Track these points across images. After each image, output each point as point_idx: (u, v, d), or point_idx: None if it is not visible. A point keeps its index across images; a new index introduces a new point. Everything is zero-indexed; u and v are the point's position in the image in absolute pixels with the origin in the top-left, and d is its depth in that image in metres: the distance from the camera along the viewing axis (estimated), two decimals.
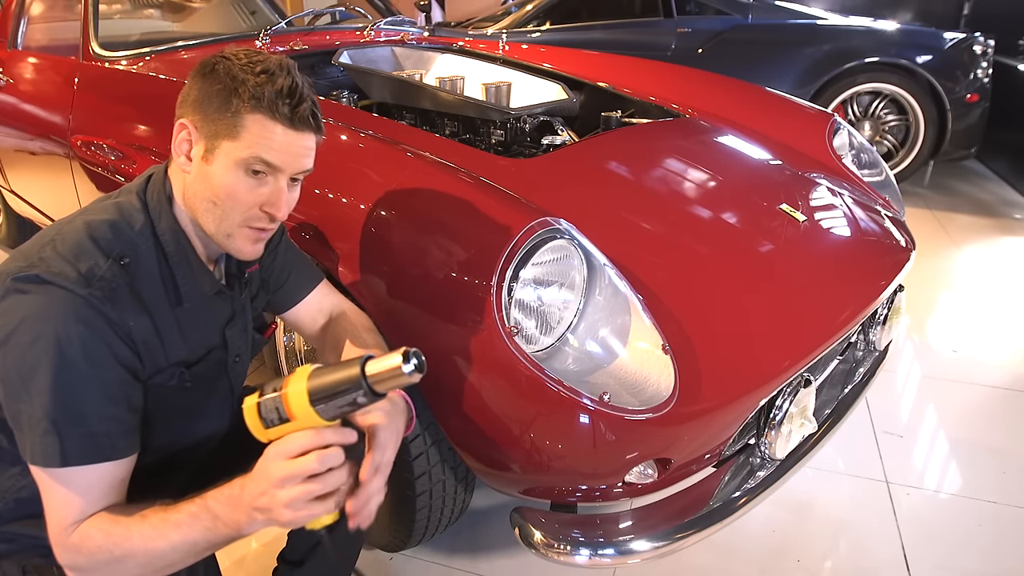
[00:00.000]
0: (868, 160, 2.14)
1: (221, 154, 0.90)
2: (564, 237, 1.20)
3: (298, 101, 0.90)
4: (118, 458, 0.85)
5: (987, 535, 1.68)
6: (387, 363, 0.72)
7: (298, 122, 0.90)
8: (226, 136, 0.89)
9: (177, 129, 0.92)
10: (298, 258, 1.20)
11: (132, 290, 0.89)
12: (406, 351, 0.73)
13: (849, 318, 1.46)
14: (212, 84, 0.90)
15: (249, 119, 0.88)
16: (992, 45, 3.98)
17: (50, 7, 2.78)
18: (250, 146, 0.89)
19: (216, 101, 0.89)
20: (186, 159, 0.93)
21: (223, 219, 0.93)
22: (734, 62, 4.16)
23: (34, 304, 0.82)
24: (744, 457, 1.40)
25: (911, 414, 2.16)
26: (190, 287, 0.97)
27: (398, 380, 0.73)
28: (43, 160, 2.31)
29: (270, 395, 0.75)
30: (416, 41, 2.73)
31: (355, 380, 0.73)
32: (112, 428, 0.85)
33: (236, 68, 0.89)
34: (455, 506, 1.46)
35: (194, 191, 0.93)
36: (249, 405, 0.77)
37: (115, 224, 0.91)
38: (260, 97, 0.88)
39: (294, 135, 0.91)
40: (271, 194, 0.93)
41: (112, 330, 0.85)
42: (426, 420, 1.30)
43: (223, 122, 0.89)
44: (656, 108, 2.15)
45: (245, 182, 0.91)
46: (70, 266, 0.85)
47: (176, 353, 0.96)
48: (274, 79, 0.89)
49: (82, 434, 0.82)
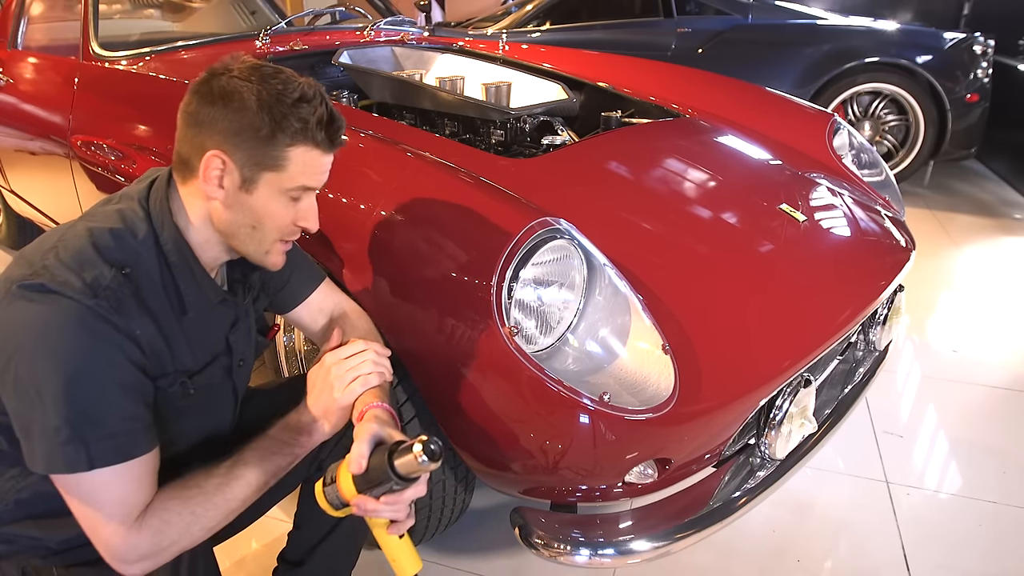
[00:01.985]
0: (868, 160, 2.14)
1: (264, 185, 0.91)
2: (564, 237, 1.20)
3: (336, 127, 0.93)
4: (142, 454, 0.87)
5: (987, 535, 1.68)
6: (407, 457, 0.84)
7: (336, 145, 0.94)
8: (269, 168, 0.90)
9: (208, 160, 0.89)
10: (300, 258, 1.20)
11: (138, 299, 0.89)
12: (424, 441, 0.83)
13: (849, 318, 1.46)
14: (244, 115, 0.88)
15: (293, 152, 0.90)
16: (992, 45, 3.98)
17: (50, 7, 2.78)
18: (296, 176, 0.92)
19: (253, 134, 0.88)
20: (217, 188, 0.92)
21: (263, 240, 0.96)
22: (734, 62, 4.16)
23: (41, 314, 0.82)
24: (744, 457, 1.40)
25: (911, 414, 2.16)
26: (194, 296, 0.97)
27: (419, 469, 0.84)
28: (43, 160, 2.31)
29: (330, 486, 0.91)
30: (416, 41, 2.73)
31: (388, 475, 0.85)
32: (132, 427, 0.86)
33: (270, 98, 0.88)
34: (455, 506, 1.46)
35: (230, 218, 0.94)
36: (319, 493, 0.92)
37: (118, 233, 0.91)
38: (306, 131, 0.89)
39: (329, 157, 0.95)
40: (306, 210, 0.97)
41: (120, 335, 0.85)
42: (426, 420, 1.31)
43: (265, 155, 0.89)
44: (656, 108, 2.15)
45: (288, 206, 0.94)
46: (74, 275, 0.84)
47: (182, 361, 0.97)
48: (313, 107, 0.90)
49: (104, 435, 0.83)
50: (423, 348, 1.22)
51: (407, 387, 1.29)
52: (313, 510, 0.99)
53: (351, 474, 0.88)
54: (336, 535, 1.23)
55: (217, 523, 0.91)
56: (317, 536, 1.23)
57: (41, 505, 0.94)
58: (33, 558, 0.96)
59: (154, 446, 0.89)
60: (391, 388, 1.12)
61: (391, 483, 0.85)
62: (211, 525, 0.91)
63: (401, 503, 0.88)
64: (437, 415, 1.27)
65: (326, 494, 0.91)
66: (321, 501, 0.92)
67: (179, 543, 0.88)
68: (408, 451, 0.84)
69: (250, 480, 0.93)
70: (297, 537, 1.27)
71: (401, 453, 0.85)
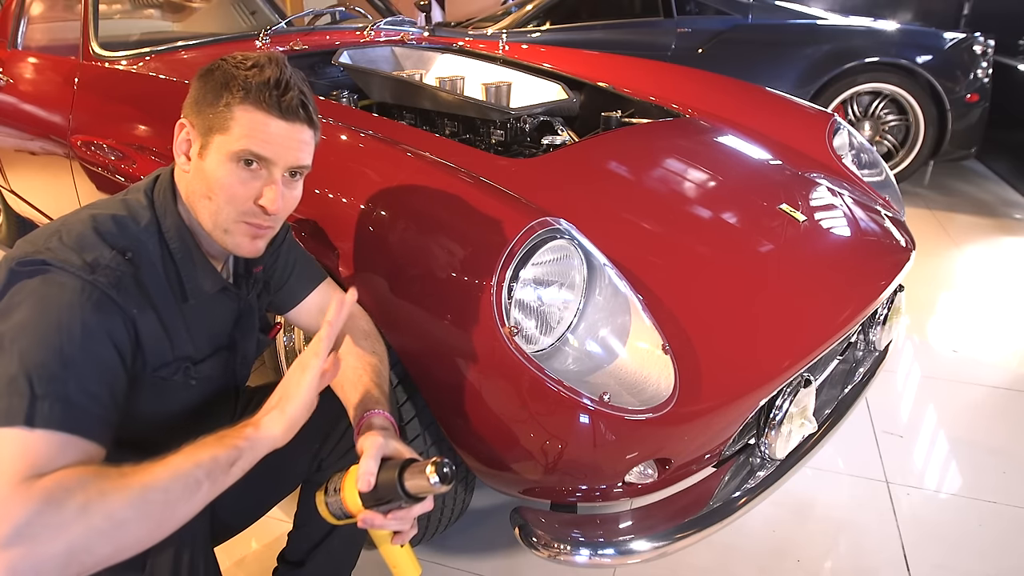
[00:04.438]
0: (868, 160, 2.14)
1: (214, 148, 0.91)
2: (564, 237, 1.20)
3: (284, 90, 0.91)
4: (88, 439, 0.77)
5: (987, 535, 1.68)
6: (420, 479, 0.83)
7: (287, 111, 0.91)
8: (218, 130, 0.91)
9: (177, 129, 0.95)
10: (301, 258, 1.20)
11: (137, 282, 0.89)
12: (437, 464, 0.83)
13: (849, 318, 1.46)
14: (207, 83, 0.93)
15: (238, 111, 0.90)
16: (992, 45, 3.98)
17: (50, 7, 2.78)
18: (240, 138, 0.90)
19: (209, 97, 0.92)
20: (185, 158, 0.95)
21: (218, 213, 0.94)
22: (734, 62, 4.16)
23: (39, 285, 0.82)
24: (744, 457, 1.40)
25: (911, 414, 2.16)
26: (195, 284, 0.97)
27: (431, 490, 0.84)
28: (43, 160, 2.31)
29: (333, 497, 0.88)
30: (416, 41, 2.73)
31: (397, 494, 0.84)
32: (90, 406, 0.79)
33: (229, 66, 0.92)
34: (455, 506, 1.46)
35: (192, 188, 0.95)
36: (319, 502, 0.90)
37: (120, 219, 0.92)
38: (248, 88, 0.89)
39: (284, 126, 0.92)
40: (264, 188, 0.93)
41: (115, 313, 0.85)
42: (426, 420, 1.31)
43: (215, 117, 0.91)
44: (656, 108, 2.15)
45: (238, 175, 0.92)
46: (75, 255, 0.85)
47: (182, 348, 0.97)
48: (262, 71, 0.90)
49: (57, 397, 0.76)
50: (423, 348, 1.22)
51: (407, 387, 1.29)
52: (313, 511, 0.99)
53: (356, 487, 0.87)
54: (336, 536, 1.23)
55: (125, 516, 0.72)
56: (317, 536, 1.23)
57: None
58: None
59: (102, 443, 0.79)
60: (391, 389, 1.12)
61: (399, 501, 0.85)
62: (118, 516, 0.72)
63: (408, 518, 0.88)
64: (437, 415, 1.27)
65: (328, 505, 0.90)
66: (323, 511, 0.90)
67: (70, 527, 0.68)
68: (420, 472, 0.83)
69: (178, 467, 0.77)
70: (297, 537, 1.27)
71: (412, 474, 0.84)
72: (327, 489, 0.90)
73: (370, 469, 0.86)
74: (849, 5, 5.63)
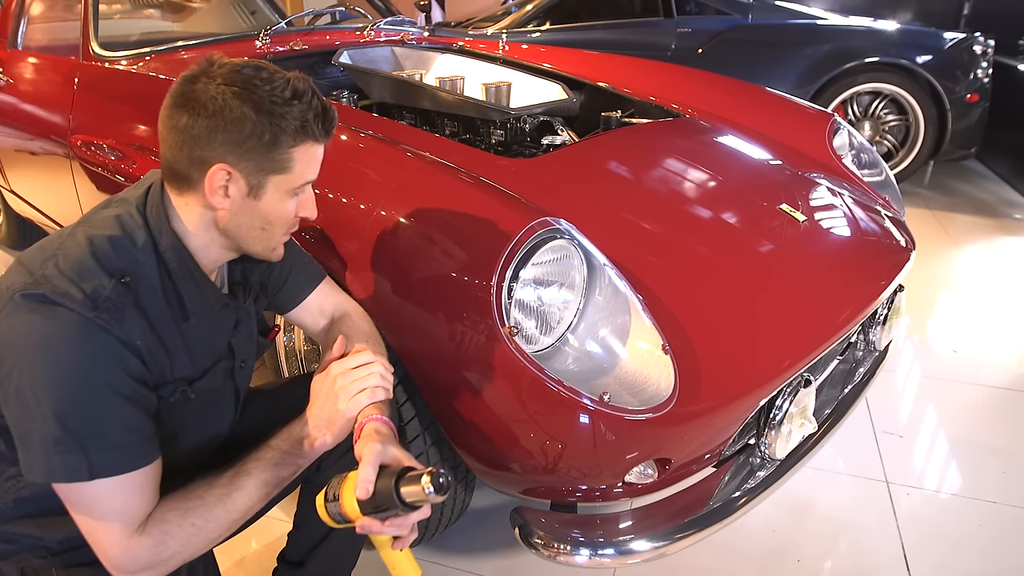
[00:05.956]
0: (868, 160, 2.14)
1: (271, 188, 0.92)
2: (564, 237, 1.20)
3: (330, 118, 0.93)
4: (144, 466, 0.87)
5: (987, 535, 1.68)
6: (415, 488, 0.85)
7: (329, 133, 0.95)
8: (275, 172, 0.91)
9: (213, 174, 0.89)
10: (299, 258, 1.20)
11: (138, 307, 0.89)
12: (433, 473, 0.84)
13: (849, 318, 1.46)
14: (243, 124, 0.87)
15: (297, 152, 0.91)
16: (992, 45, 3.98)
17: (50, 7, 2.78)
18: (300, 175, 0.93)
19: (256, 141, 0.88)
20: (223, 198, 0.91)
21: (271, 237, 0.98)
22: (734, 62, 4.16)
23: (43, 326, 0.82)
24: (744, 457, 1.40)
25: (911, 414, 2.16)
26: (196, 302, 0.96)
27: (426, 500, 0.85)
28: (43, 160, 2.31)
29: (333, 502, 0.90)
30: (416, 41, 2.73)
31: (394, 502, 0.86)
32: (134, 438, 0.86)
33: (264, 101, 0.87)
34: (455, 506, 1.46)
35: (238, 223, 0.94)
36: (320, 506, 0.91)
37: (117, 240, 0.90)
38: (305, 128, 0.90)
39: (324, 145, 0.96)
40: (306, 201, 0.98)
41: (122, 347, 0.86)
42: (426, 420, 1.31)
43: (271, 160, 0.90)
44: (656, 108, 2.15)
45: (291, 203, 0.96)
46: (75, 287, 0.84)
47: (182, 370, 0.96)
48: (307, 102, 0.90)
49: (105, 447, 0.83)
50: (423, 348, 1.22)
51: (407, 387, 1.29)
52: (313, 511, 0.99)
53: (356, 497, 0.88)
54: (336, 536, 1.23)
55: (219, 534, 0.92)
56: (317, 536, 1.23)
57: (41, 504, 0.93)
58: (32, 558, 0.96)
59: (156, 457, 0.90)
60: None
61: (396, 509, 0.86)
62: (213, 536, 0.91)
63: (406, 525, 0.89)
64: (437, 415, 1.27)
65: (328, 510, 0.91)
66: (323, 515, 0.91)
67: (180, 554, 0.89)
68: (416, 481, 0.84)
69: (251, 491, 0.94)
70: (297, 537, 1.27)
71: (408, 482, 0.85)
72: (327, 494, 0.92)
73: (368, 477, 0.87)
74: (849, 5, 5.63)
